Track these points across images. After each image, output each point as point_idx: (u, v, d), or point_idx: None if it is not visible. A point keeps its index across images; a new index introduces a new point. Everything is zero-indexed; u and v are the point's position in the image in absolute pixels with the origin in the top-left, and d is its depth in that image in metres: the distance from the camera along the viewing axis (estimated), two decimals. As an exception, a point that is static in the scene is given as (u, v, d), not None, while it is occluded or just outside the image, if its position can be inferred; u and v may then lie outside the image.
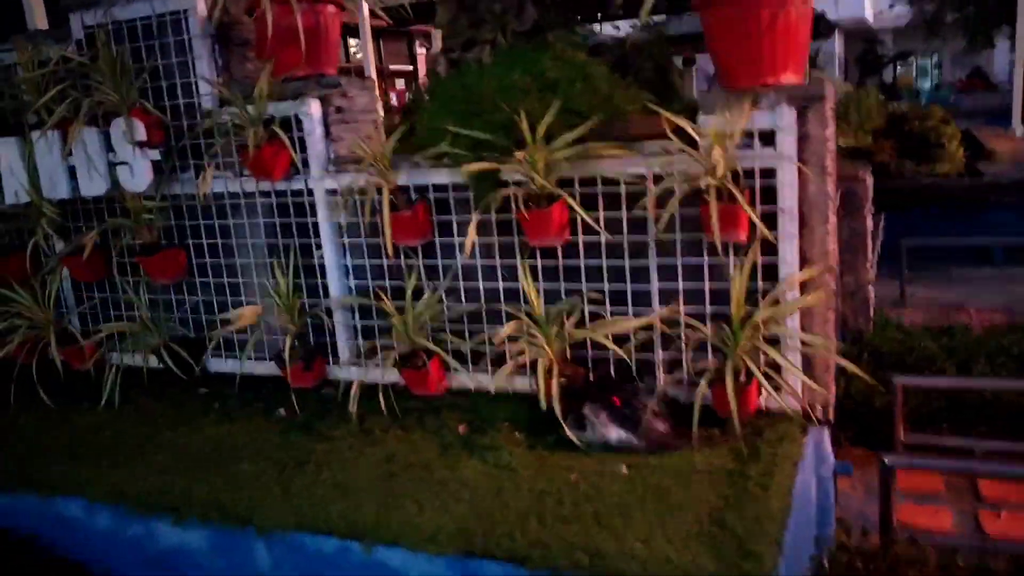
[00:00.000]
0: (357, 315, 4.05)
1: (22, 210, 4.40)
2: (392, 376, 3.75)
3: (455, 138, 3.40)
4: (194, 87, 4.08)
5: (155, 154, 3.98)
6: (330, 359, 4.11)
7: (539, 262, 3.49)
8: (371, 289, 3.94)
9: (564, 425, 3.13)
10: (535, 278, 3.48)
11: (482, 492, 2.87)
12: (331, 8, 3.92)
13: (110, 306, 4.64)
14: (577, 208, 3.15)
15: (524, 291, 3.38)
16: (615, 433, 3.07)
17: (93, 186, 4.10)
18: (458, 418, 3.54)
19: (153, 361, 4.31)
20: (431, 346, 3.56)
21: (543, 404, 3.11)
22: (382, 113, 4.50)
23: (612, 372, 3.44)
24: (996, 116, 16.93)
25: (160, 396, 4.21)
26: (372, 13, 3.78)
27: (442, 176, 3.60)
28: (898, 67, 31.63)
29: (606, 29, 5.22)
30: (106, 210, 4.40)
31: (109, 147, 4.06)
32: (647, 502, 2.68)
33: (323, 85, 3.88)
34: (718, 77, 3.24)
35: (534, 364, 3.33)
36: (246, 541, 2.84)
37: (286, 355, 3.81)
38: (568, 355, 3.42)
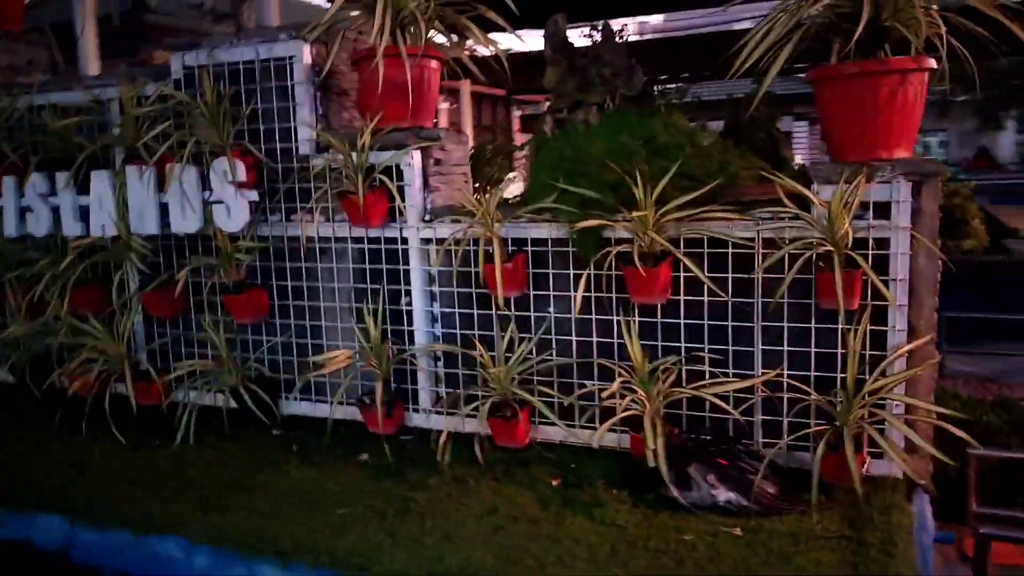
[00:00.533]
0: (440, 363, 4.06)
1: (107, 243, 4.42)
2: (473, 426, 3.75)
3: (562, 195, 3.47)
4: (292, 132, 4.15)
5: (253, 195, 4.03)
6: (409, 406, 4.10)
7: (636, 318, 3.52)
8: (458, 337, 3.96)
9: (669, 484, 3.12)
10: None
11: (596, 549, 2.85)
12: (434, 63, 4.03)
13: (182, 343, 4.63)
14: (693, 268, 3.21)
15: (628, 347, 3.40)
16: (724, 495, 3.07)
17: (185, 223, 4.13)
18: (548, 472, 3.53)
19: (224, 400, 4.29)
20: (528, 397, 3.57)
21: (651, 461, 3.11)
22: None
23: (709, 433, 3.45)
24: (1003, 195, 17.24)
25: (233, 437, 4.18)
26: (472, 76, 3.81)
27: (542, 231, 3.65)
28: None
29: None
30: (187, 248, 4.43)
31: (205, 186, 4.10)
32: (771, 566, 2.67)
33: (423, 137, 3.96)
34: (830, 148, 3.33)
35: (633, 420, 3.35)
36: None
37: (378, 399, 3.81)
38: (662, 413, 3.43)
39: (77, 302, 4.56)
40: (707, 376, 3.44)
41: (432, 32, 3.96)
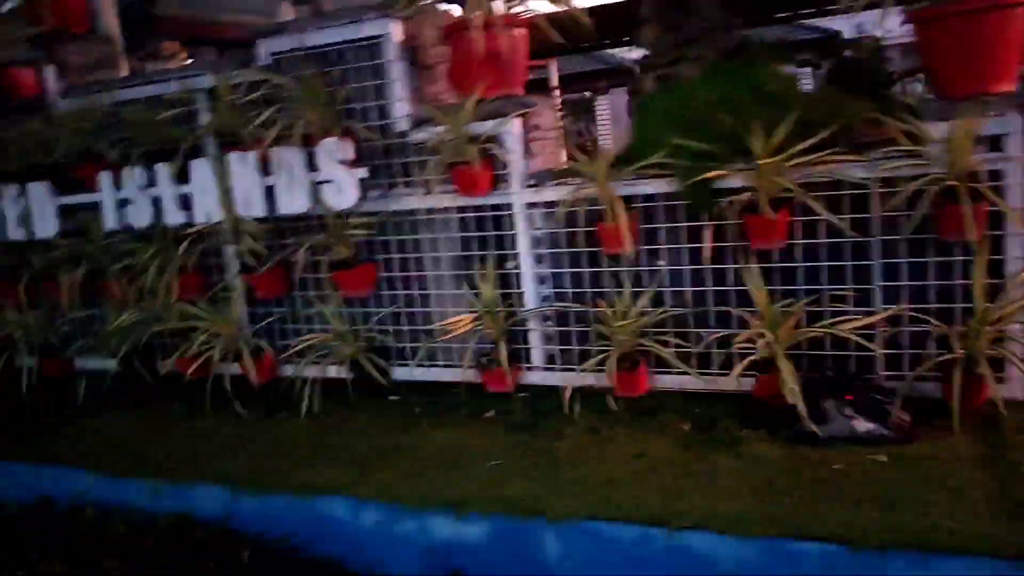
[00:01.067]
0: (550, 322, 4.20)
1: (213, 230, 4.54)
2: (594, 379, 3.90)
3: (675, 149, 3.57)
4: (388, 109, 4.24)
5: (363, 172, 4.14)
6: (522, 365, 4.24)
7: (754, 265, 3.65)
8: (568, 296, 4.09)
9: (806, 419, 3.27)
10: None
11: (753, 482, 3.01)
12: (523, 31, 4.11)
13: (288, 321, 4.77)
14: (824, 211, 3.32)
15: (750, 292, 3.53)
16: (863, 425, 3.22)
17: (294, 204, 4.25)
18: (675, 418, 3.68)
19: (338, 372, 4.44)
20: (657, 347, 3.71)
21: (789, 398, 3.26)
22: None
23: (832, 370, 3.60)
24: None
25: (354, 406, 4.34)
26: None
27: (653, 187, 3.76)
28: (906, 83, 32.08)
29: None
30: (287, 230, 4.53)
31: (311, 167, 4.21)
32: (929, 486, 2.82)
33: (521, 104, 4.06)
34: (935, 86, 3.44)
35: (758, 363, 3.49)
36: (532, 531, 2.98)
37: (503, 359, 3.95)
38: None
39: (180, 288, 4.69)
40: (828, 316, 3.55)
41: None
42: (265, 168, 4.31)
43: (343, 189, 4.14)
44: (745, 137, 3.42)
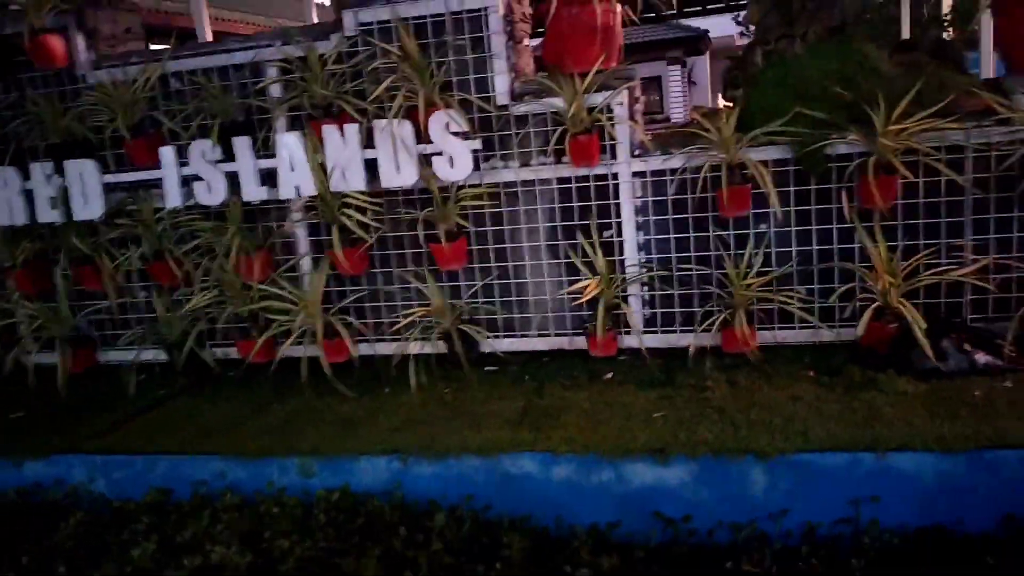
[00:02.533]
0: (647, 288, 4.41)
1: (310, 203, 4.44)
2: (704, 339, 4.18)
3: (795, 118, 3.89)
4: (489, 82, 4.31)
5: (476, 144, 4.19)
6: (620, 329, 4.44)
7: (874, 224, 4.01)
8: (673, 260, 4.33)
9: (930, 357, 3.69)
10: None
11: (918, 410, 3.36)
12: (618, 7, 4.30)
13: (366, 298, 4.73)
14: (951, 173, 3.73)
15: (868, 248, 3.90)
16: (983, 358, 3.68)
17: (400, 177, 4.23)
18: (797, 367, 4.00)
19: (417, 347, 4.49)
20: (788, 301, 4.01)
21: (920, 339, 3.66)
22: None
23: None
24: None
25: (456, 378, 4.39)
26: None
27: (764, 153, 4.06)
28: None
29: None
30: (385, 203, 4.49)
31: (418, 138, 4.21)
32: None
33: (623, 77, 4.25)
34: (1012, 65, 3.95)
35: (877, 310, 3.89)
36: (739, 468, 3.21)
37: (624, 321, 4.15)
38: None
39: (259, 268, 4.55)
40: (924, 268, 3.99)
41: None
42: (366, 140, 4.25)
43: (457, 161, 4.17)
44: (859, 107, 3.79)
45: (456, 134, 4.15)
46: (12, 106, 4.94)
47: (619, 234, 4.36)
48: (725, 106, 13.12)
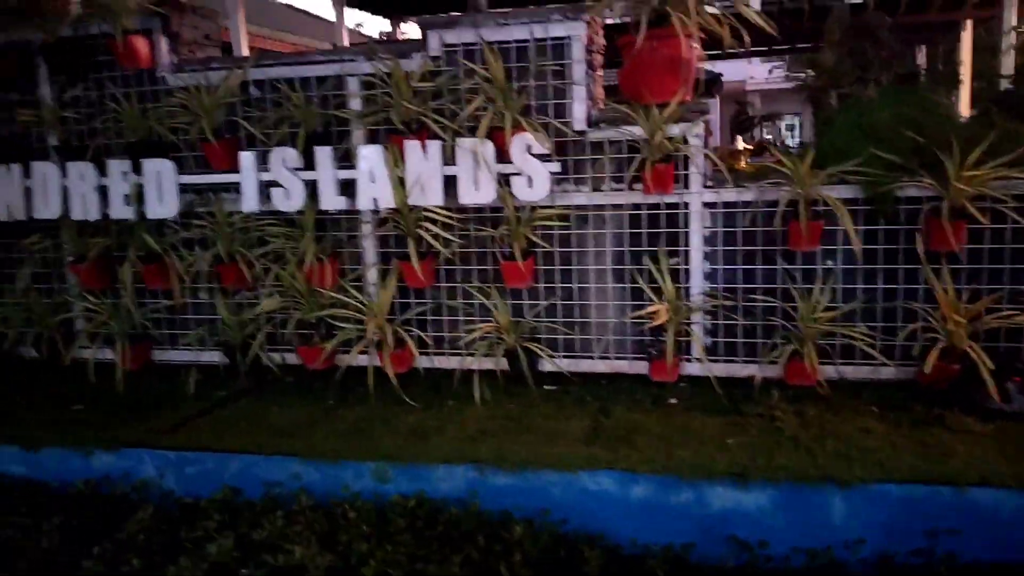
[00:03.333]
0: (710, 317, 4.50)
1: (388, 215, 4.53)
2: (769, 370, 4.27)
3: (869, 159, 4.02)
4: (567, 108, 4.43)
5: (555, 166, 4.30)
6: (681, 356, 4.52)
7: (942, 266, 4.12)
8: (738, 291, 4.43)
9: (996, 397, 3.78)
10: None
11: (993, 445, 3.45)
12: (697, 41, 4.43)
13: (429, 311, 4.81)
14: (1018, 218, 3.85)
15: (934, 289, 4.01)
16: (1044, 401, 3.78)
17: (479, 195, 4.33)
18: (858, 402, 4.08)
19: (487, 363, 4.57)
20: (857, 335, 4.09)
21: (987, 380, 3.75)
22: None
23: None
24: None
25: (516, 394, 4.46)
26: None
27: (835, 191, 4.18)
28: (764, 127, 34.81)
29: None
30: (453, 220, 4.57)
31: (499, 158, 4.31)
32: None
33: (698, 110, 4.38)
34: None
35: (941, 350, 3.98)
36: (817, 496, 3.28)
37: (670, 350, 4.23)
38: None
39: (331, 275, 4.63)
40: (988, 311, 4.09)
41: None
42: (446, 157, 4.36)
43: (536, 182, 4.27)
44: (929, 152, 3.92)
45: (537, 156, 4.25)
46: (91, 103, 5.03)
47: (685, 262, 4.45)
48: (744, 147, 13.35)
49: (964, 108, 6.14)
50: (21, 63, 5.08)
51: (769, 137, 31.95)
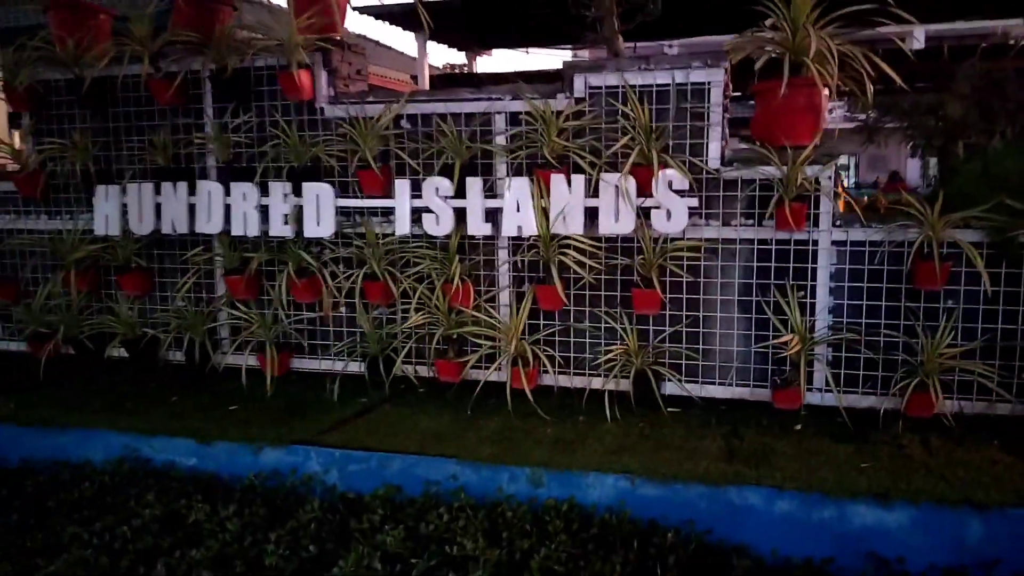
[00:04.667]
0: (840, 349, 4.75)
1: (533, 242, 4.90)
2: (869, 400, 4.52)
3: (996, 206, 4.26)
4: (704, 148, 4.76)
5: (693, 201, 4.63)
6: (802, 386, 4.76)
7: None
8: (862, 326, 4.68)
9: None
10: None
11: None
12: (826, 91, 4.73)
13: (560, 333, 5.14)
14: None
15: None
16: None
17: (618, 226, 4.67)
18: (978, 433, 4.29)
19: (610, 384, 4.89)
20: (984, 370, 4.31)
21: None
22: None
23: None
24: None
25: (642, 416, 4.75)
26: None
27: (961, 235, 4.42)
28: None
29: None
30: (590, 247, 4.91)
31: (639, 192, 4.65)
32: None
33: (829, 154, 4.67)
34: None
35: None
36: (955, 517, 3.51)
37: (801, 379, 4.49)
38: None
39: (465, 295, 5.00)
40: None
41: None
42: (588, 190, 4.71)
43: (674, 215, 4.60)
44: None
45: (676, 191, 4.58)
46: (252, 129, 5.50)
47: (811, 296, 4.72)
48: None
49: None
50: (190, 91, 5.57)
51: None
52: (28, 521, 4.17)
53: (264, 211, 5.31)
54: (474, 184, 4.88)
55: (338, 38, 5.49)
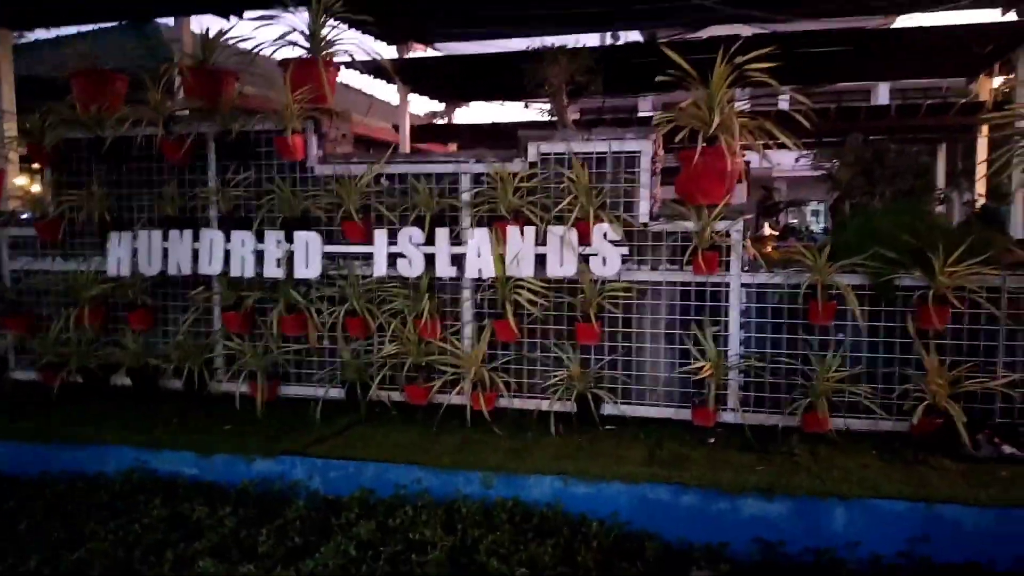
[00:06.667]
0: (749, 374, 5.60)
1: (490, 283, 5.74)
2: (775, 419, 5.34)
3: (874, 255, 5.16)
4: (634, 204, 5.65)
5: (624, 250, 5.51)
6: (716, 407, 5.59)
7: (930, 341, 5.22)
8: (767, 356, 5.53)
9: (968, 446, 4.82)
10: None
11: (962, 478, 4.47)
12: (741, 160, 5.64)
13: (513, 361, 5.96)
14: (989, 306, 4.96)
15: (923, 358, 5.09)
16: (1009, 449, 4.81)
17: (562, 270, 5.54)
18: (865, 447, 5.11)
19: (556, 405, 5.69)
20: (862, 392, 5.17)
21: (961, 433, 4.79)
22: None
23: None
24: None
25: (582, 432, 5.55)
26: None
27: (847, 278, 5.30)
28: (790, 212, 36.08)
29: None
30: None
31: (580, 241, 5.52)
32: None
33: (738, 213, 5.57)
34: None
35: (928, 407, 5.03)
36: (825, 507, 4.32)
37: (711, 399, 5.31)
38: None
39: (424, 328, 5.81)
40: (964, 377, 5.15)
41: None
42: (538, 239, 5.58)
43: (608, 261, 5.48)
44: (922, 252, 5.06)
45: (611, 241, 5.46)
46: (249, 185, 6.33)
47: (725, 329, 5.58)
48: (770, 232, 14.46)
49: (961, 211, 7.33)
50: (195, 150, 6.41)
51: (795, 222, 33.17)
52: (51, 521, 4.87)
53: (259, 255, 6.11)
54: (442, 234, 5.74)
55: (327, 107, 6.36)
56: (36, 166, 7.39)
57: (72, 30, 12.66)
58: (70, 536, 4.67)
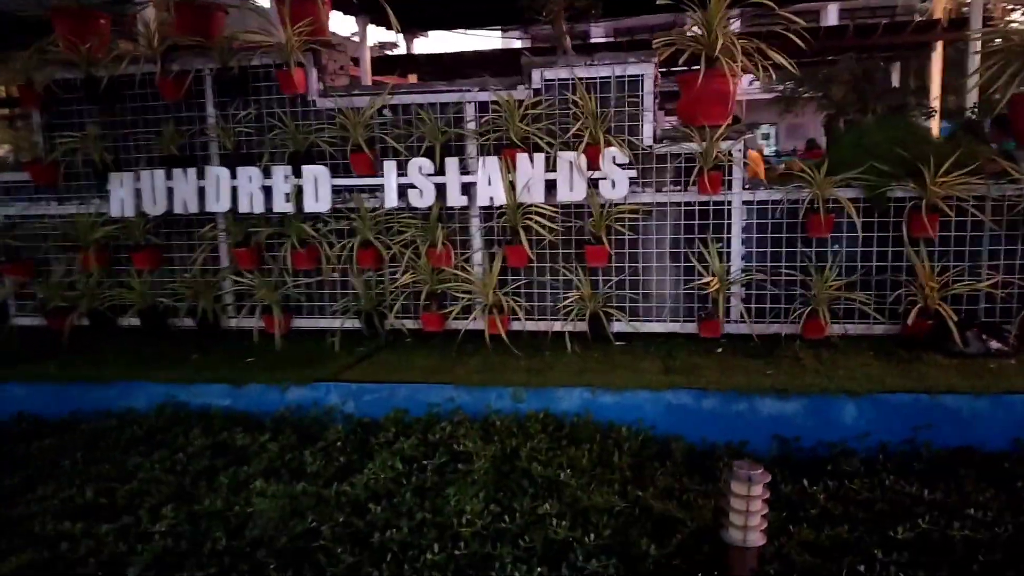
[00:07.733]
0: (751, 287, 5.92)
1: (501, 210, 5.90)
2: (776, 327, 5.70)
3: (868, 169, 5.45)
4: (640, 128, 5.84)
5: (632, 173, 5.71)
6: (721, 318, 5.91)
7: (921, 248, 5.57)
8: (768, 269, 5.85)
9: (959, 343, 5.23)
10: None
11: (956, 372, 4.89)
12: (740, 79, 5.86)
13: (533, 285, 6.18)
14: (976, 213, 5.30)
15: (915, 264, 5.45)
16: (995, 345, 5.23)
17: (573, 195, 5.73)
18: (862, 349, 5.50)
19: (568, 326, 5.95)
20: (861, 299, 5.52)
21: (953, 330, 5.19)
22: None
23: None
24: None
25: (597, 348, 5.84)
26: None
27: (843, 192, 5.60)
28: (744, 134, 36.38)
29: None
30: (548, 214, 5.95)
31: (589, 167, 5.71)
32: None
33: (739, 132, 5.81)
34: (1018, 142, 5.56)
35: (920, 309, 5.41)
36: (836, 403, 4.69)
37: (719, 312, 5.63)
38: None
39: (437, 257, 5.99)
40: (951, 280, 5.54)
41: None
42: (547, 165, 5.75)
43: (617, 185, 5.68)
44: (913, 164, 5.36)
45: (619, 165, 5.65)
46: (250, 121, 6.34)
47: (727, 246, 5.86)
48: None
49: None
50: (191, 87, 6.36)
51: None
52: (92, 457, 5.00)
53: (266, 191, 6.17)
54: (451, 163, 5.86)
55: (327, 39, 6.35)
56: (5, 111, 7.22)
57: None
58: (116, 469, 4.81)
